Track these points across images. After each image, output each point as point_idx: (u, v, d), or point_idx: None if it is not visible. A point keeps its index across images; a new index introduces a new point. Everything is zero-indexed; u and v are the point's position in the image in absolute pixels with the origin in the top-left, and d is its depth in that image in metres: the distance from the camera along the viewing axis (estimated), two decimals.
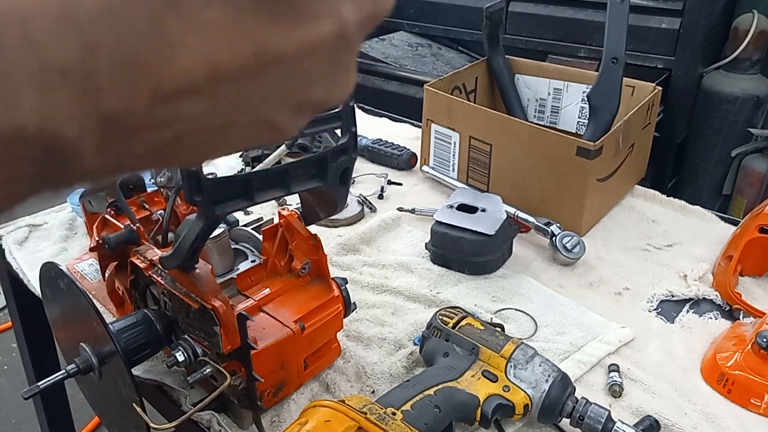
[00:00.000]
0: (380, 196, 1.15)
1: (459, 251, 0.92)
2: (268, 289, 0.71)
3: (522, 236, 1.00)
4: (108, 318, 0.64)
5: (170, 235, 0.75)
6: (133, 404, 0.61)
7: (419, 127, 1.20)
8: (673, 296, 0.88)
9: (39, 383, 0.62)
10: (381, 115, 1.50)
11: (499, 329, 0.70)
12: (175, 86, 0.20)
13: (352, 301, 0.74)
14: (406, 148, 1.24)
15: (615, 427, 0.62)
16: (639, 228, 1.04)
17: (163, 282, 0.65)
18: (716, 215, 1.07)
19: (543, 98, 1.25)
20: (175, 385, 0.72)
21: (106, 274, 0.77)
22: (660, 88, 1.10)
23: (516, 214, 0.99)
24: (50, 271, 0.69)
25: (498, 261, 0.94)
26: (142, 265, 0.68)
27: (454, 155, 1.12)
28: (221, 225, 0.72)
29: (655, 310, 0.86)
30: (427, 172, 1.18)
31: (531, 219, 0.98)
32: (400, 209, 1.09)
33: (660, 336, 0.81)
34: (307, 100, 0.24)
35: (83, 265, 0.92)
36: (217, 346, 0.62)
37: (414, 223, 1.07)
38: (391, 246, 1.01)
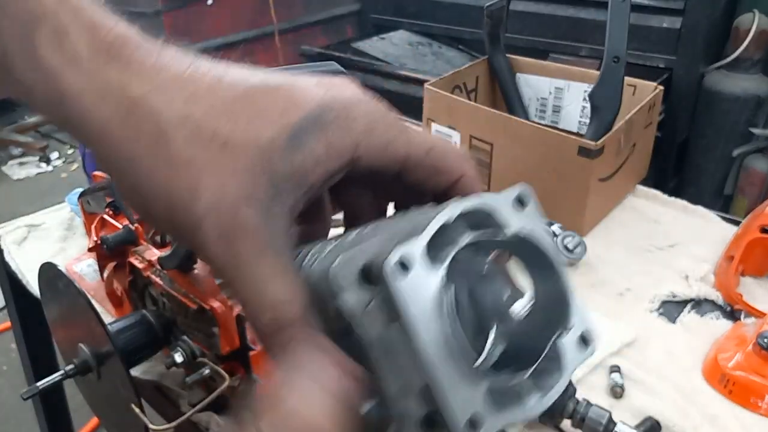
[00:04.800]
0: None
1: None
2: None
3: None
4: (106, 318, 0.63)
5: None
6: (132, 405, 0.60)
7: (420, 126, 1.20)
8: (674, 297, 0.88)
9: (38, 384, 0.62)
10: None
11: None
12: None
13: None
14: None
15: (616, 429, 0.62)
16: (641, 228, 1.04)
17: (161, 282, 0.65)
18: (718, 215, 1.06)
19: (544, 97, 1.24)
20: (173, 385, 0.71)
21: (105, 275, 0.76)
22: (662, 87, 1.09)
23: None
24: (49, 272, 0.69)
25: None
26: (140, 266, 0.68)
27: None
28: None
29: (656, 310, 0.86)
30: None
31: None
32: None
33: (661, 336, 0.81)
34: None
35: (82, 266, 0.92)
36: (215, 347, 0.61)
37: None
38: None
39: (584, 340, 0.25)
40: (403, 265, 0.21)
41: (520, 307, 0.25)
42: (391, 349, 0.22)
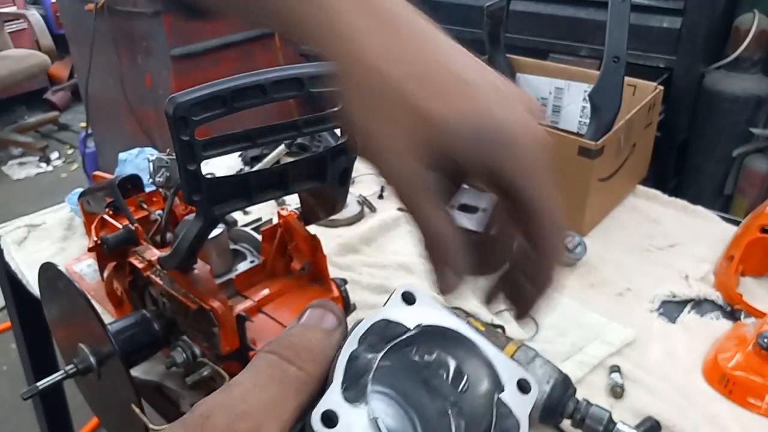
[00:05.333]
0: (380, 196, 1.14)
1: None
2: (267, 290, 0.71)
3: None
4: (106, 319, 0.63)
5: (169, 235, 0.75)
6: (132, 405, 0.60)
7: None
8: (674, 297, 0.88)
9: (38, 384, 0.62)
10: None
11: (500, 330, 0.70)
12: None
13: (351, 302, 0.73)
14: None
15: (616, 429, 0.62)
16: (641, 228, 1.04)
17: (161, 283, 0.65)
18: (718, 215, 1.06)
19: (544, 97, 1.24)
20: (173, 386, 0.71)
21: (105, 275, 0.76)
22: (661, 87, 1.09)
23: None
24: (49, 272, 0.69)
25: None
26: (140, 266, 0.67)
27: None
28: (220, 225, 0.71)
29: (656, 310, 0.86)
30: None
31: None
32: (400, 209, 1.08)
33: (661, 336, 0.81)
34: None
35: (82, 266, 0.92)
36: (215, 347, 0.61)
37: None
38: (391, 246, 1.01)
39: (522, 388, 0.27)
40: (329, 419, 0.23)
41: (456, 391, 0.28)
42: None
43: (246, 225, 0.81)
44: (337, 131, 0.59)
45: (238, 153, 1.24)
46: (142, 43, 2.19)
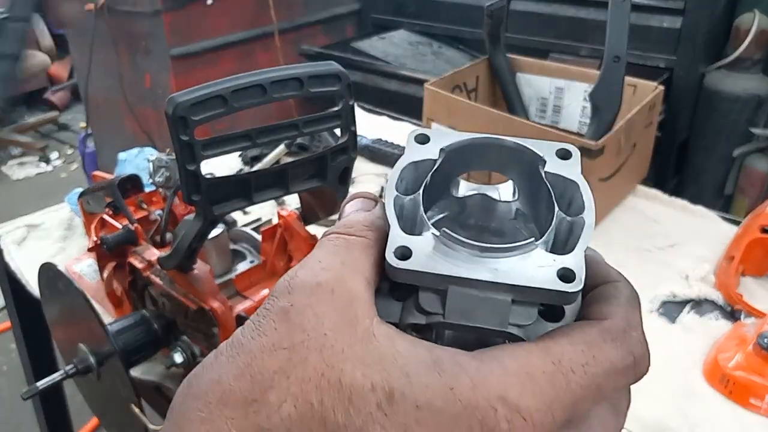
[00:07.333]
0: (380, 196, 1.14)
1: None
2: (267, 290, 0.70)
3: None
4: (106, 319, 0.63)
5: (168, 235, 0.75)
6: (132, 405, 0.60)
7: (419, 125, 1.20)
8: (674, 297, 0.87)
9: (38, 384, 0.62)
10: (381, 115, 1.49)
11: None
12: None
13: None
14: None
15: None
16: (641, 228, 1.04)
17: (161, 283, 0.65)
18: (718, 215, 1.06)
19: (544, 97, 1.24)
20: (173, 386, 0.71)
21: (105, 275, 0.76)
22: (662, 87, 1.09)
23: None
24: (48, 272, 0.69)
25: None
26: (140, 266, 0.67)
27: None
28: (220, 225, 0.71)
29: (656, 310, 0.86)
30: None
31: None
32: None
33: (661, 336, 0.81)
34: None
35: (81, 266, 0.92)
36: (215, 347, 0.61)
37: None
38: None
39: (563, 156, 0.27)
40: (402, 254, 0.24)
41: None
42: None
43: (246, 225, 0.81)
44: (337, 131, 0.59)
45: (238, 153, 1.24)
46: (141, 42, 2.19)
